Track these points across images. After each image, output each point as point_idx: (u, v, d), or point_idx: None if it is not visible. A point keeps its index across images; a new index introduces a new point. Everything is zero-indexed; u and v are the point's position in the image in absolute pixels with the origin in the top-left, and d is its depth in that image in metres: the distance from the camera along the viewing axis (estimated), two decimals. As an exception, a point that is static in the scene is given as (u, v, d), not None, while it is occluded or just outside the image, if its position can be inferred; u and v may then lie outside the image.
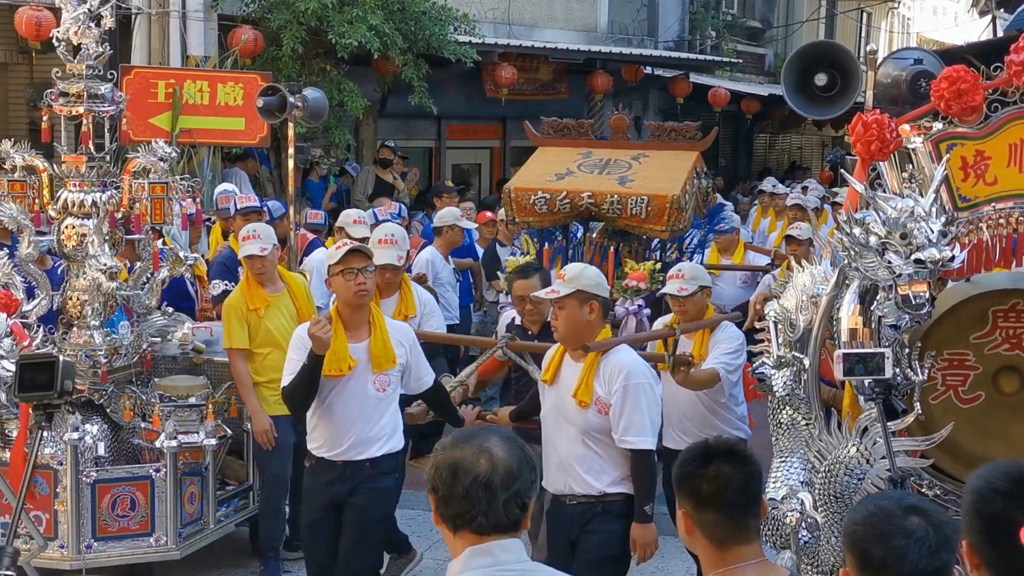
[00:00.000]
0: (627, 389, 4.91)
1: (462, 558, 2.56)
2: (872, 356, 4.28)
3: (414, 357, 5.48)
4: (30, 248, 6.38)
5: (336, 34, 11.65)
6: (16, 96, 12.77)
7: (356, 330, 5.33)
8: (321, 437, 5.37)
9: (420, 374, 5.53)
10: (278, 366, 5.83)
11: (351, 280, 5.23)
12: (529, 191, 7.63)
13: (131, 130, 9.28)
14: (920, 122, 4.98)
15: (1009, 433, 4.81)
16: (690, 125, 8.18)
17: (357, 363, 5.27)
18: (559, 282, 5.06)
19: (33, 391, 4.27)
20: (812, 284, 4.83)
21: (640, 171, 7.64)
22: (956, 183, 4.76)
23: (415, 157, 16.20)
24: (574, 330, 4.99)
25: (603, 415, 4.95)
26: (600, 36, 18.70)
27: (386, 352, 5.32)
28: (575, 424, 4.99)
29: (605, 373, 4.96)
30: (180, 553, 6.23)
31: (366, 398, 5.30)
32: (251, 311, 6.51)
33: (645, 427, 4.93)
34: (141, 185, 6.36)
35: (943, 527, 2.40)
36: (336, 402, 5.30)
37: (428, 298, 6.84)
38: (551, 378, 5.15)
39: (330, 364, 5.20)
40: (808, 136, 26.93)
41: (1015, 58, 4.67)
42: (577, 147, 8.04)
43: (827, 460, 4.55)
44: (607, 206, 7.42)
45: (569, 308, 4.96)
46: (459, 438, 2.61)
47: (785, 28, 25.12)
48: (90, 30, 6.28)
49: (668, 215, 7.34)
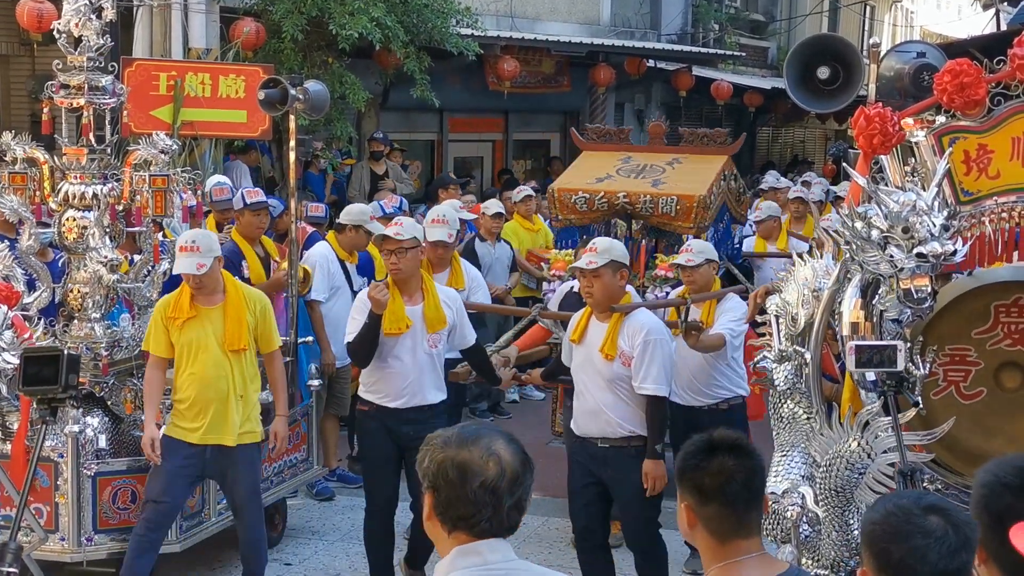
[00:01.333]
0: (647, 343, 5.77)
1: (449, 558, 2.53)
2: (885, 348, 4.27)
3: (459, 319, 6.29)
4: (31, 240, 6.37)
5: (337, 25, 11.62)
6: (17, 88, 12.74)
7: (411, 295, 6.13)
8: (384, 388, 6.13)
9: (464, 333, 6.34)
10: (179, 385, 5.98)
11: (386, 259, 6.17)
12: (571, 191, 8.42)
13: (132, 122, 9.26)
14: (923, 116, 4.97)
15: (1011, 429, 4.80)
16: (720, 131, 9.01)
17: (413, 323, 6.05)
18: (592, 255, 5.91)
19: (37, 385, 4.24)
20: (814, 278, 4.83)
21: (672, 175, 8.44)
22: (958, 177, 4.75)
23: (417, 150, 16.17)
24: (608, 294, 5.90)
25: (627, 366, 5.81)
26: (603, 29, 18.66)
27: (438, 314, 6.13)
28: (603, 374, 5.85)
29: (628, 330, 5.83)
30: (180, 546, 6.24)
31: (421, 353, 6.11)
32: (170, 319, 5.97)
33: (661, 377, 5.79)
34: (142, 177, 6.35)
35: (963, 527, 2.38)
36: (397, 356, 6.08)
37: (476, 274, 7.95)
38: (579, 337, 6.00)
39: (390, 324, 6.00)
40: (811, 130, 26.85)
41: (1018, 51, 4.66)
42: (618, 151, 8.82)
43: (828, 454, 4.54)
44: (640, 205, 8.21)
45: (605, 276, 5.84)
46: (464, 437, 2.55)
47: (788, 21, 25.05)
48: (91, 22, 6.27)
49: (695, 213, 8.10)
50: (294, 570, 6.83)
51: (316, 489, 8.03)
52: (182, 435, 5.97)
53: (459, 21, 13.26)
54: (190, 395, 5.95)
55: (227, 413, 5.97)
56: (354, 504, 7.82)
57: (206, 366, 5.93)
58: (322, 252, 8.22)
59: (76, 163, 6.33)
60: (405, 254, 6.08)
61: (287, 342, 7.43)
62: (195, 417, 5.96)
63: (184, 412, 5.98)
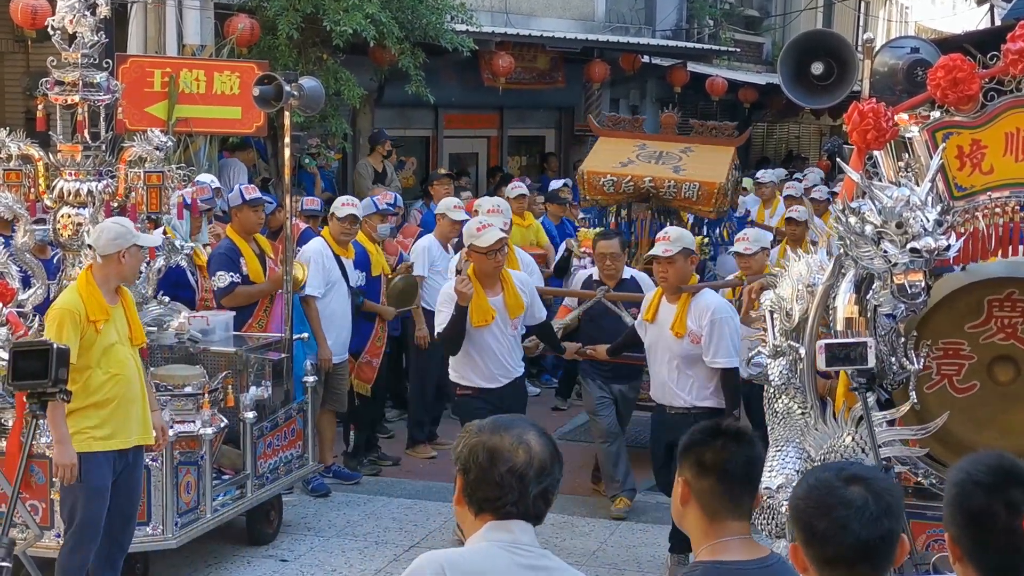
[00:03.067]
0: (714, 322, 6.54)
1: (482, 532, 2.60)
2: (855, 346, 4.27)
3: (531, 299, 7.03)
4: (26, 237, 6.37)
5: (332, 22, 11.61)
6: (12, 85, 12.71)
7: (492, 287, 6.81)
8: (479, 372, 6.81)
9: (535, 311, 7.11)
10: (100, 388, 5.50)
11: (491, 259, 6.73)
12: (599, 174, 9.11)
13: (127, 119, 9.24)
14: (917, 111, 4.98)
15: (1003, 422, 4.82)
16: (728, 124, 9.90)
17: (496, 312, 6.74)
18: (666, 243, 6.65)
19: (27, 379, 4.22)
20: (808, 273, 4.83)
21: (689, 162, 9.14)
22: (952, 172, 4.76)
23: (412, 146, 16.16)
24: (680, 277, 6.71)
25: (695, 344, 6.57)
26: (597, 25, 18.65)
27: (517, 301, 6.87)
28: (672, 351, 6.65)
29: (696, 310, 6.59)
30: (177, 542, 6.24)
31: (508, 337, 6.86)
32: (91, 323, 5.52)
33: (730, 351, 6.53)
34: (137, 174, 6.35)
35: (884, 494, 2.41)
36: (489, 343, 6.78)
37: (528, 259, 8.83)
38: (652, 317, 6.80)
39: (477, 317, 6.68)
40: (806, 125, 26.86)
41: (1012, 47, 4.66)
42: (632, 139, 9.50)
43: (822, 449, 4.55)
44: (664, 189, 8.96)
45: (678, 262, 6.63)
46: (498, 424, 2.65)
47: (783, 17, 25.05)
48: (86, 18, 6.27)
49: (716, 199, 8.92)
50: (290, 566, 6.83)
51: (312, 485, 8.04)
52: (103, 446, 5.55)
53: (454, 17, 13.25)
54: (115, 395, 5.57)
55: (144, 411, 5.71)
56: (350, 500, 7.84)
57: (125, 365, 5.64)
58: (317, 248, 8.23)
59: (71, 160, 6.33)
60: (498, 254, 6.75)
61: (283, 338, 7.45)
62: (124, 420, 5.61)
63: (108, 417, 5.56)
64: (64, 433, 5.40)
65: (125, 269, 5.65)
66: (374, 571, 6.78)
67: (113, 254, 5.57)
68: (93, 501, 5.53)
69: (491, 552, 2.56)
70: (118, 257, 5.57)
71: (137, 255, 5.69)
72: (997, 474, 2.36)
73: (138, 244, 5.65)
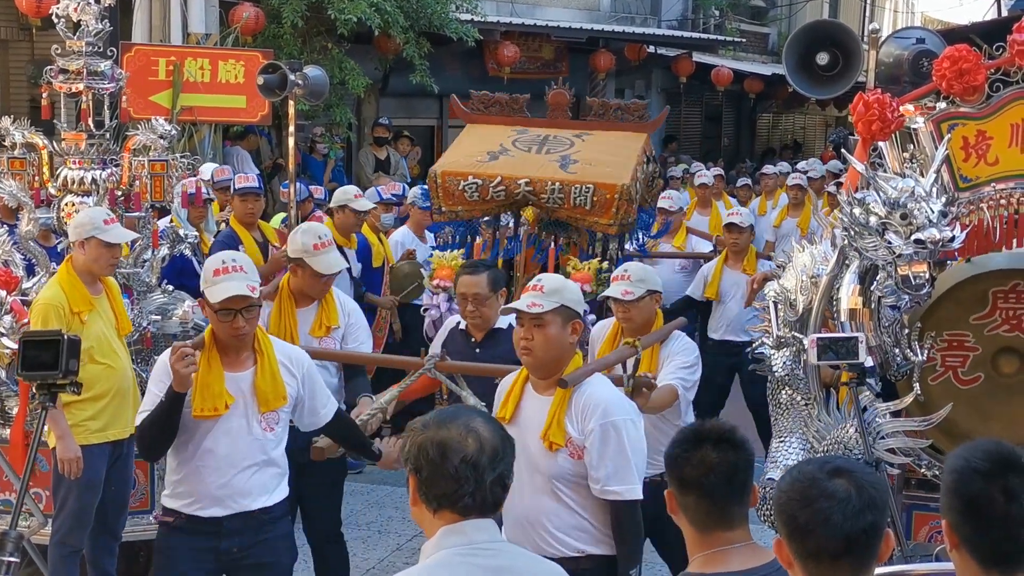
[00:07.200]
0: (606, 428, 4.00)
1: (436, 538, 2.56)
2: (845, 341, 4.27)
3: (308, 388, 4.46)
4: (30, 225, 6.37)
5: (336, 11, 11.61)
6: (17, 73, 12.74)
7: (236, 358, 4.34)
8: (194, 491, 4.32)
9: (316, 407, 4.50)
10: (94, 380, 5.37)
11: (227, 323, 4.27)
12: (458, 175, 6.54)
13: (131, 108, 9.26)
14: (922, 102, 4.97)
15: (1008, 413, 4.82)
16: (638, 103, 7.33)
17: (236, 399, 4.29)
18: (537, 294, 4.06)
19: (37, 370, 4.17)
20: (812, 264, 4.83)
21: (584, 151, 6.66)
22: (957, 163, 4.75)
23: (417, 136, 16.17)
24: (556, 354, 4.08)
25: (577, 459, 4.04)
26: (603, 15, 18.64)
27: (275, 387, 4.34)
28: (543, 471, 4.05)
29: (577, 409, 4.05)
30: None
31: (252, 439, 4.32)
32: (74, 314, 5.40)
33: (631, 473, 4.03)
34: (141, 163, 6.34)
35: (867, 488, 2.39)
36: (214, 447, 4.28)
37: (353, 307, 5.76)
38: (510, 415, 4.15)
39: (201, 403, 4.24)
40: (812, 116, 26.84)
41: (1018, 38, 4.65)
42: (511, 124, 7.06)
43: (826, 440, 4.55)
44: (547, 195, 6.37)
45: (552, 326, 4.04)
46: (441, 418, 2.61)
47: (789, 7, 25.01)
48: (90, 7, 6.26)
49: (617, 207, 6.32)
50: (293, 555, 6.83)
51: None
52: (98, 439, 5.48)
53: (459, 6, 13.26)
54: (110, 387, 5.53)
55: (136, 400, 5.55)
56: (352, 489, 7.83)
57: (118, 355, 5.59)
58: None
59: (75, 148, 6.32)
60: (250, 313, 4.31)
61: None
62: (118, 411, 5.57)
63: (103, 409, 5.51)
64: (65, 427, 5.37)
65: (88, 259, 5.52)
66: (376, 560, 6.79)
67: (75, 242, 5.53)
68: (86, 493, 5.49)
69: (449, 562, 2.53)
70: (79, 245, 5.52)
71: (98, 248, 5.48)
72: (995, 461, 2.36)
73: (99, 238, 5.46)
